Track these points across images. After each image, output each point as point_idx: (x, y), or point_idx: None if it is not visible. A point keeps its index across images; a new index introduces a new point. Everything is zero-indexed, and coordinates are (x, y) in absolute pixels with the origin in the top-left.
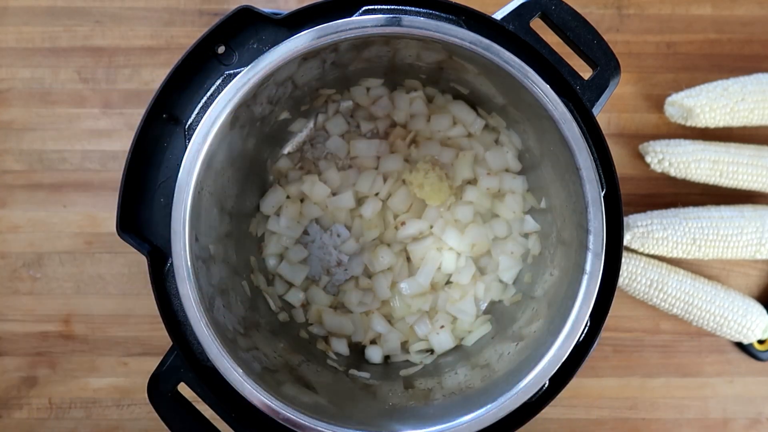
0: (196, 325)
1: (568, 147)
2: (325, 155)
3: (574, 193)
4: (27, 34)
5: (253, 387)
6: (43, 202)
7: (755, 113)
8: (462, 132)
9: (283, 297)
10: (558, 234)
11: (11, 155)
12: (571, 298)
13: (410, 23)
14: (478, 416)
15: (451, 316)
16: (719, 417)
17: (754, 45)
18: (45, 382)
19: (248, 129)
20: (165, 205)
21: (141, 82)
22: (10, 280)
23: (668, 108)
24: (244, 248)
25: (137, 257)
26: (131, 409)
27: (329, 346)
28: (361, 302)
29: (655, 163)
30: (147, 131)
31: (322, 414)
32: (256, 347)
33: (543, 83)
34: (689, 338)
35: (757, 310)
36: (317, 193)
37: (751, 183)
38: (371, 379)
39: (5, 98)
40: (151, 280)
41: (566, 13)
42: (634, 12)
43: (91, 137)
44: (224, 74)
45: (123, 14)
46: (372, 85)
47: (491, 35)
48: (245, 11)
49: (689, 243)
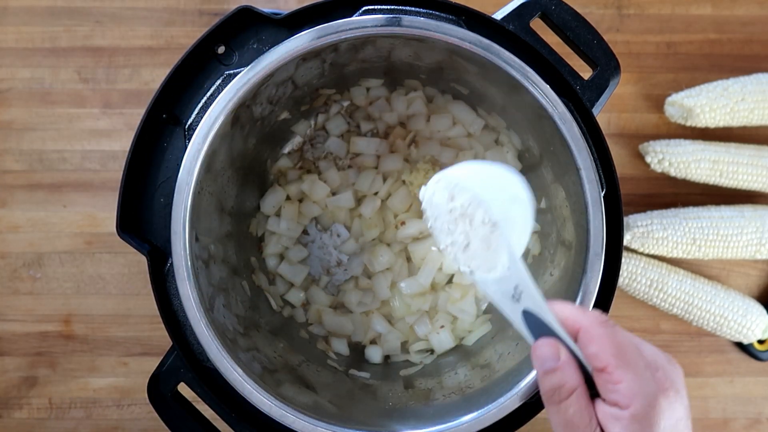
0: (196, 325)
1: (568, 147)
2: (325, 155)
3: (574, 193)
4: (27, 34)
5: (253, 387)
6: (43, 202)
7: (755, 113)
8: (462, 132)
9: (284, 297)
10: (558, 234)
11: (11, 155)
12: (571, 298)
13: (410, 23)
14: (478, 416)
15: (451, 315)
16: (719, 417)
17: (754, 45)
18: (45, 382)
19: (248, 129)
20: (165, 205)
21: (141, 82)
22: (10, 280)
23: (668, 108)
24: (244, 248)
25: (137, 257)
26: (131, 409)
27: (329, 346)
28: (361, 302)
29: (655, 163)
30: (147, 131)
31: (322, 414)
32: (256, 347)
33: (543, 83)
34: (689, 338)
35: (757, 310)
36: (317, 193)
37: (751, 183)
38: (371, 379)
39: (5, 98)
40: (151, 280)
41: (566, 13)
42: (634, 12)
43: (91, 137)
44: (224, 74)
45: (123, 14)
46: (372, 85)
47: (491, 35)
48: (245, 11)
49: (689, 243)
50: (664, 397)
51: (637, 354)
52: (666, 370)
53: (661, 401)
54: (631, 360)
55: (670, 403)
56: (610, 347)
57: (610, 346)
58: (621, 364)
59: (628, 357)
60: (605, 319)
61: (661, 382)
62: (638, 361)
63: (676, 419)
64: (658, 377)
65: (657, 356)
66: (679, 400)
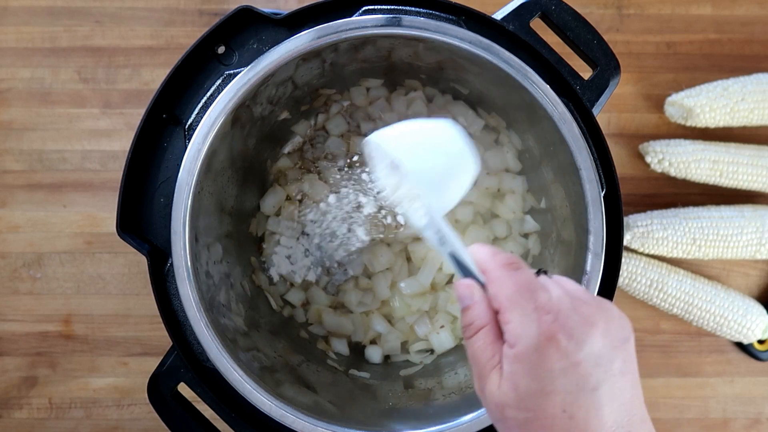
0: (196, 325)
1: (568, 147)
2: (325, 155)
3: (574, 193)
4: (27, 34)
5: (253, 387)
6: (43, 202)
7: (755, 113)
8: None
9: (284, 297)
10: (558, 234)
11: (11, 155)
12: None
13: (410, 23)
14: (478, 416)
15: (451, 315)
16: (719, 417)
17: (754, 45)
18: (45, 382)
19: (248, 129)
20: (165, 205)
21: (141, 82)
22: (10, 280)
23: (668, 108)
24: (244, 248)
25: (137, 257)
26: (131, 409)
27: (329, 346)
28: (361, 302)
29: (655, 163)
30: (147, 131)
31: (322, 414)
32: (256, 347)
33: (543, 83)
34: (689, 338)
35: (757, 310)
36: (317, 193)
37: (751, 183)
38: (371, 379)
39: (5, 98)
40: (151, 280)
41: (566, 13)
42: (634, 12)
43: (91, 137)
44: (224, 74)
45: (123, 14)
46: (372, 85)
47: (491, 35)
48: (245, 11)
49: (689, 243)
50: (548, 341)
51: (528, 297)
52: (567, 316)
53: (543, 344)
54: (521, 302)
55: (557, 348)
56: (507, 289)
57: (507, 288)
58: (511, 306)
59: (518, 299)
60: (511, 261)
61: (546, 325)
62: (527, 304)
63: (565, 365)
64: (545, 320)
65: (561, 302)
66: (574, 346)
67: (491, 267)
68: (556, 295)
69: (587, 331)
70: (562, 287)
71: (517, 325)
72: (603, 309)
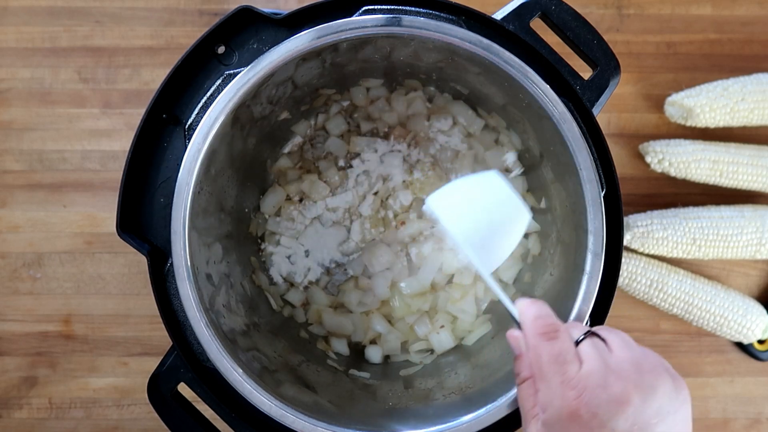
0: (196, 325)
1: (568, 147)
2: (325, 155)
3: (574, 193)
4: (27, 34)
5: (253, 387)
6: (42, 202)
7: (755, 113)
8: (462, 132)
9: (284, 297)
10: (558, 234)
11: (11, 155)
12: (571, 298)
13: (410, 23)
14: (478, 416)
15: (451, 315)
16: (719, 417)
17: (754, 45)
18: (45, 382)
19: (248, 129)
20: (165, 205)
21: (141, 82)
22: (10, 280)
23: (668, 108)
24: (244, 248)
25: (137, 257)
26: (131, 409)
27: (329, 346)
28: (361, 302)
29: (655, 163)
30: (147, 131)
31: (322, 414)
32: (256, 347)
33: (543, 83)
34: (689, 338)
35: (757, 310)
36: (317, 193)
37: (751, 183)
38: (371, 379)
39: (5, 98)
40: (151, 280)
41: (566, 13)
42: (634, 12)
43: (91, 137)
44: (224, 74)
45: (123, 14)
46: (372, 85)
47: (491, 35)
48: (245, 11)
49: (689, 243)
50: (570, 417)
51: (556, 370)
52: (593, 394)
53: (565, 418)
54: (548, 375)
55: (579, 424)
56: (539, 358)
57: (540, 358)
58: (540, 377)
59: (547, 371)
60: (548, 330)
61: (568, 401)
62: (554, 378)
63: None
64: (568, 396)
65: (590, 378)
66: (597, 424)
67: (529, 333)
68: (587, 369)
69: (613, 410)
70: (602, 356)
71: (544, 395)
72: (643, 385)
